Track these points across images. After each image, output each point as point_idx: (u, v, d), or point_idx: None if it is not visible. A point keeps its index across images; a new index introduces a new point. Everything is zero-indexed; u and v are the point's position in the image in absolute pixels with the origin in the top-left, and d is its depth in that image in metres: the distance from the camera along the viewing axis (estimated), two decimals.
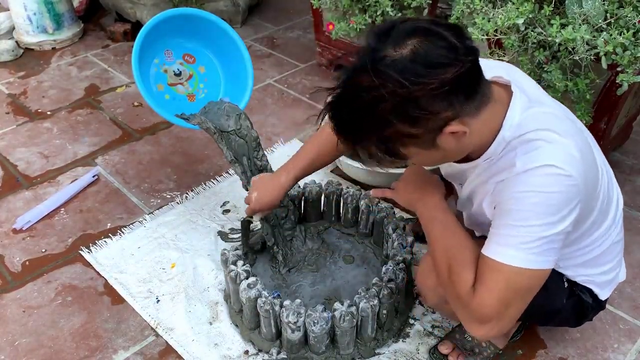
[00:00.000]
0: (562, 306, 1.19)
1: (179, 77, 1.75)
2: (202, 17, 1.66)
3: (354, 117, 0.91)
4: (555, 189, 0.92)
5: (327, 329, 1.29)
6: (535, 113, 0.98)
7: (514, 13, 1.47)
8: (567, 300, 1.18)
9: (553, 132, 0.95)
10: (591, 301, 1.21)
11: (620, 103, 1.66)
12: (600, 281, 1.21)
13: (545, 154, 0.93)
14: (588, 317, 1.27)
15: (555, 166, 0.91)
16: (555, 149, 0.93)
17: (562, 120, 1.01)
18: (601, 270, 1.20)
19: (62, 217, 1.83)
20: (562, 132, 0.96)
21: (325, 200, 1.66)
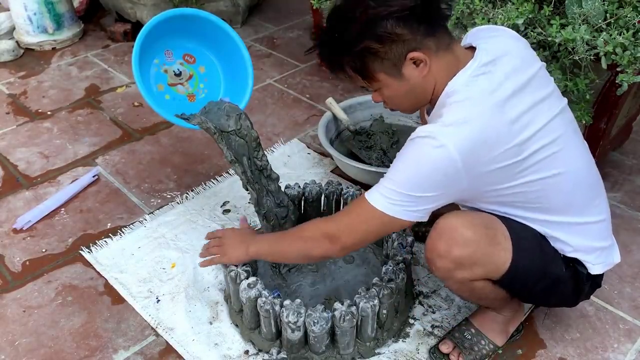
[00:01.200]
0: (562, 275, 1.20)
1: (179, 77, 1.75)
2: (202, 18, 1.66)
3: (332, 39, 1.11)
4: (433, 167, 1.03)
5: (327, 328, 1.29)
6: (473, 82, 1.06)
7: (514, 13, 1.47)
8: (565, 269, 1.20)
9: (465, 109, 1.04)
10: (586, 272, 1.22)
11: (620, 103, 1.66)
12: (592, 260, 1.21)
13: (458, 113, 1.04)
14: (584, 291, 1.26)
15: (445, 147, 1.01)
16: (470, 113, 1.03)
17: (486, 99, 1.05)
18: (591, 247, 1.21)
19: (62, 217, 1.84)
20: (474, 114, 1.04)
21: (325, 200, 1.66)
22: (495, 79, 1.07)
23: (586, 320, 1.48)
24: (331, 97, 2.10)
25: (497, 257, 1.14)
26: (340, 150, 1.90)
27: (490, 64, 1.08)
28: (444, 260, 1.15)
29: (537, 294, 1.25)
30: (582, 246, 1.20)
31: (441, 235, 1.14)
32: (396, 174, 1.08)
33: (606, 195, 1.26)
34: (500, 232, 1.15)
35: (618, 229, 1.76)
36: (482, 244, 1.12)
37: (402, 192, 1.07)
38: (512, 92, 1.06)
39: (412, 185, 1.06)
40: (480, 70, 1.07)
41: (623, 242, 1.72)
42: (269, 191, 1.52)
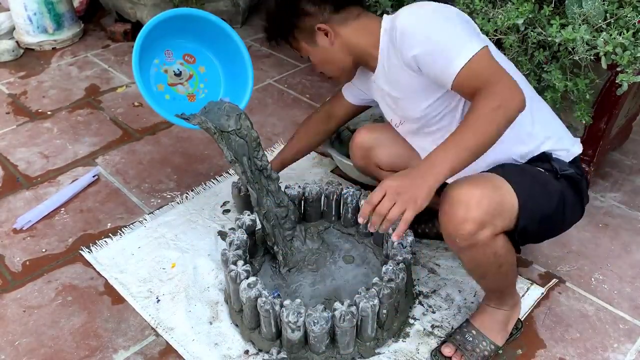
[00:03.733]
0: (560, 187, 1.25)
1: (179, 77, 1.75)
2: (202, 18, 1.66)
3: (269, 20, 1.46)
4: (424, 6, 1.23)
5: (327, 328, 1.29)
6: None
7: (514, 13, 1.47)
8: (557, 181, 1.26)
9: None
10: (574, 170, 1.29)
11: (620, 103, 1.66)
12: (560, 135, 1.32)
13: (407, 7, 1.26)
14: (584, 192, 1.32)
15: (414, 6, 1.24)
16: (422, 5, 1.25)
17: None
18: (549, 126, 1.32)
19: (62, 217, 1.84)
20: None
21: (325, 200, 1.66)
22: None
23: (586, 320, 1.49)
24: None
25: (507, 202, 1.16)
26: (340, 150, 1.90)
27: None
28: (466, 224, 1.12)
29: (554, 220, 1.27)
30: (549, 128, 1.31)
31: (453, 203, 1.13)
32: (442, 32, 1.18)
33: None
34: (496, 178, 1.18)
35: (618, 229, 1.76)
36: (492, 195, 1.14)
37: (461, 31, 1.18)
38: None
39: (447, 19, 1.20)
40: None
41: (623, 242, 1.72)
42: (269, 191, 1.52)
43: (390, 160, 1.59)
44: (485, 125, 1.09)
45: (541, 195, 1.22)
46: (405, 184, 1.07)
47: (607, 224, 1.78)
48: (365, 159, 1.64)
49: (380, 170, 1.64)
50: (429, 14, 1.22)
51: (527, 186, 1.20)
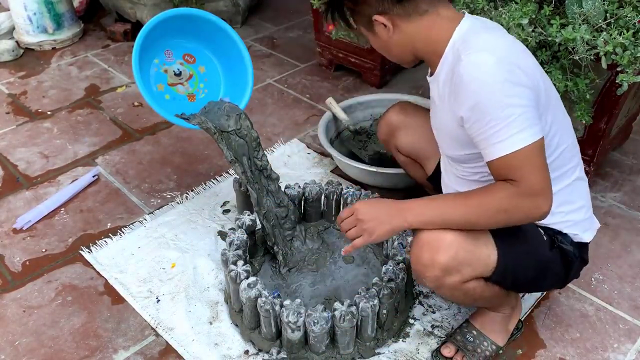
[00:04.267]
0: (549, 256, 1.21)
1: (179, 77, 1.75)
2: (202, 17, 1.66)
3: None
4: (504, 66, 1.05)
5: (327, 328, 1.29)
6: (477, 32, 1.14)
7: (518, 13, 1.47)
8: (550, 250, 1.22)
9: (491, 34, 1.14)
10: (573, 249, 1.24)
11: (620, 103, 1.66)
12: (576, 220, 1.24)
13: (480, 41, 1.10)
14: (574, 270, 1.28)
15: (488, 50, 1.07)
16: (489, 38, 1.11)
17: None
18: (572, 208, 1.24)
19: (62, 217, 1.84)
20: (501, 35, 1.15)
21: (325, 200, 1.66)
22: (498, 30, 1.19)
23: (586, 320, 1.49)
24: (331, 97, 2.10)
25: (481, 253, 1.15)
26: (340, 150, 1.90)
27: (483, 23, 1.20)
28: (431, 269, 1.14)
29: (530, 281, 1.26)
30: (573, 217, 1.23)
31: (422, 245, 1.14)
32: (497, 107, 1.05)
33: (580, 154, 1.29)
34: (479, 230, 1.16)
35: (618, 229, 1.76)
36: (464, 244, 1.12)
37: (519, 112, 1.04)
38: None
39: (512, 97, 1.04)
40: (478, 24, 1.17)
41: (623, 242, 1.72)
42: (269, 191, 1.52)
43: (408, 147, 1.59)
44: (481, 215, 1.09)
45: (524, 258, 1.19)
46: (372, 215, 1.16)
47: (607, 224, 1.78)
48: (388, 136, 1.63)
49: (398, 152, 1.63)
50: (499, 75, 1.05)
51: (512, 245, 1.17)
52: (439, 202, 1.15)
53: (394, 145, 1.63)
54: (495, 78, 1.04)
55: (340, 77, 2.61)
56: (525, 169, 1.05)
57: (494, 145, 1.06)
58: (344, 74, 2.62)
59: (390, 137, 1.63)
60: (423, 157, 1.57)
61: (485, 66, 1.05)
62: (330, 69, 2.65)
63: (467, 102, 1.08)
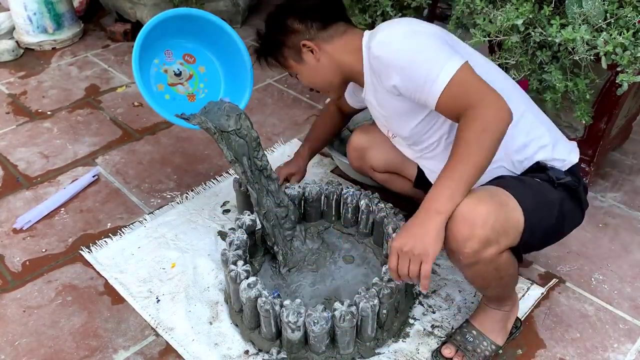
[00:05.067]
0: (558, 196, 1.24)
1: (179, 77, 1.75)
2: (202, 17, 1.66)
3: (259, 37, 1.48)
4: (402, 29, 1.23)
5: (327, 328, 1.29)
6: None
7: (513, 14, 1.47)
8: (555, 189, 1.24)
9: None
10: (571, 178, 1.27)
11: (620, 103, 1.66)
12: (551, 141, 1.29)
13: (380, 29, 1.27)
14: (582, 198, 1.31)
15: (385, 29, 1.25)
16: (387, 25, 1.27)
17: None
18: (540, 132, 1.29)
19: (62, 217, 1.84)
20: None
21: (325, 200, 1.66)
22: None
23: (586, 320, 1.49)
24: None
25: (512, 218, 1.14)
26: (340, 150, 1.90)
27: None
28: (471, 242, 1.10)
29: (555, 230, 1.28)
30: (541, 134, 1.28)
31: (459, 221, 1.10)
32: (417, 56, 1.17)
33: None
34: (502, 193, 1.16)
35: (618, 229, 1.76)
36: (497, 212, 1.11)
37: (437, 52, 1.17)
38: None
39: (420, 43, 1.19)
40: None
41: (623, 242, 1.72)
42: (269, 191, 1.52)
43: (383, 163, 1.62)
44: (475, 152, 1.09)
45: (543, 209, 1.21)
46: (409, 240, 1.09)
47: (607, 224, 1.78)
48: (360, 160, 1.66)
49: (374, 172, 1.66)
50: (403, 37, 1.21)
51: (530, 200, 1.18)
52: (444, 179, 1.11)
53: (369, 166, 1.66)
54: (399, 39, 1.21)
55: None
56: (469, 90, 1.13)
57: (431, 87, 1.15)
58: None
59: (362, 160, 1.66)
60: (401, 165, 1.59)
61: (388, 37, 1.22)
62: None
63: (392, 72, 1.20)
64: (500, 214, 1.12)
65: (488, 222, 1.10)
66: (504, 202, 1.15)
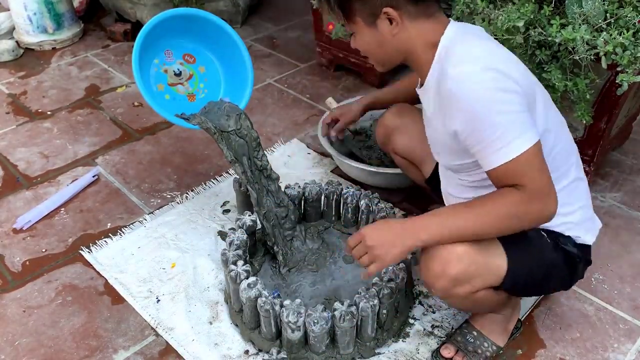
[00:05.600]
0: (554, 259, 1.21)
1: (179, 77, 1.75)
2: (202, 17, 1.66)
3: None
4: (490, 74, 1.05)
5: (327, 328, 1.29)
6: (463, 39, 1.14)
7: (515, 15, 1.47)
8: (555, 252, 1.21)
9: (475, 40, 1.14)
10: (576, 251, 1.24)
11: (620, 103, 1.66)
12: (577, 221, 1.24)
13: (464, 51, 1.09)
14: (579, 271, 1.28)
15: (471, 61, 1.07)
16: (472, 47, 1.10)
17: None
18: (571, 209, 1.22)
19: (62, 217, 1.84)
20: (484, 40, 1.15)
21: (325, 200, 1.66)
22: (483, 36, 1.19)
23: (586, 320, 1.48)
24: (331, 97, 2.10)
25: (492, 264, 1.15)
26: (340, 150, 1.90)
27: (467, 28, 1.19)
28: (442, 280, 1.13)
29: (537, 286, 1.27)
30: (574, 218, 1.23)
31: (433, 256, 1.13)
32: (490, 116, 1.04)
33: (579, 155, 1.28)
34: (489, 239, 1.14)
35: (618, 229, 1.76)
36: (476, 256, 1.11)
37: (515, 121, 1.04)
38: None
39: (503, 104, 1.04)
40: (462, 30, 1.16)
41: (623, 242, 1.72)
42: (269, 191, 1.52)
43: (405, 149, 1.59)
44: (494, 224, 1.07)
45: (532, 264, 1.19)
46: (381, 239, 1.12)
47: (607, 224, 1.78)
48: (385, 139, 1.65)
49: (395, 154, 1.64)
50: (486, 88, 1.04)
51: (520, 252, 1.16)
52: (450, 215, 1.11)
53: (392, 147, 1.64)
54: (484, 87, 1.04)
55: (340, 77, 2.61)
56: (528, 174, 1.05)
57: (493, 154, 1.06)
58: (344, 74, 2.62)
59: (387, 139, 1.63)
60: (419, 159, 1.57)
61: (471, 78, 1.05)
62: (330, 69, 2.65)
63: (459, 116, 1.07)
64: (477, 258, 1.12)
65: (461, 263, 1.10)
66: (485, 247, 1.13)
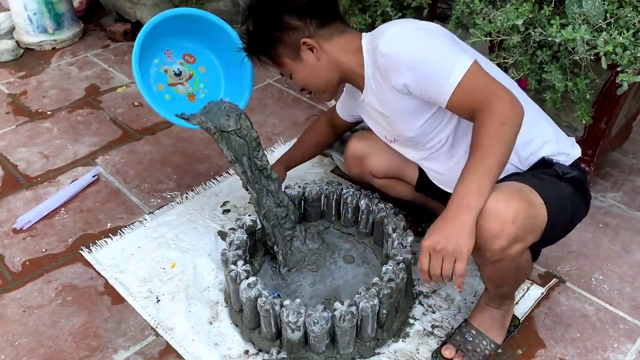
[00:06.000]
0: (568, 189, 1.23)
1: (179, 77, 1.75)
2: (202, 17, 1.66)
3: (248, 33, 1.39)
4: (412, 26, 1.23)
5: (327, 328, 1.29)
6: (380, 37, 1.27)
7: (513, 14, 1.47)
8: (565, 184, 1.24)
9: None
10: (577, 172, 1.27)
11: (620, 103, 1.66)
12: (550, 137, 1.29)
13: (385, 27, 1.27)
14: (587, 189, 1.31)
15: (393, 26, 1.25)
16: (391, 23, 1.27)
17: None
18: (540, 129, 1.30)
19: (62, 217, 1.84)
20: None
21: (325, 200, 1.66)
22: None
23: (586, 320, 1.49)
24: None
25: (539, 216, 1.14)
26: (340, 150, 1.89)
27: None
28: (500, 239, 1.08)
29: (568, 225, 1.28)
30: (540, 131, 1.29)
31: (489, 217, 1.08)
32: (428, 54, 1.18)
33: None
34: (528, 190, 1.14)
35: (618, 229, 1.76)
36: (527, 210, 1.10)
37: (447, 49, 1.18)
38: None
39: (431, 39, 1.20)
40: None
41: (623, 242, 1.72)
42: (269, 191, 1.52)
43: (384, 168, 1.59)
44: (497, 144, 1.09)
45: (561, 204, 1.20)
46: (442, 238, 1.05)
47: (607, 224, 1.78)
48: (359, 168, 1.63)
49: (374, 178, 1.63)
50: (411, 35, 1.21)
51: (552, 197, 1.17)
52: (470, 174, 1.09)
53: (368, 172, 1.61)
54: (410, 36, 1.21)
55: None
56: (482, 87, 1.14)
57: (443, 85, 1.15)
58: None
59: (361, 167, 1.62)
60: (401, 170, 1.57)
61: (398, 35, 1.22)
62: None
63: (402, 70, 1.20)
64: (529, 212, 1.10)
65: (518, 219, 1.08)
66: (531, 200, 1.13)
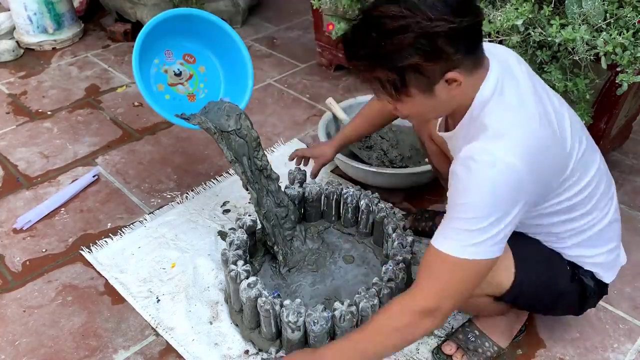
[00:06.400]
0: (566, 288, 1.20)
1: (179, 77, 1.75)
2: (202, 17, 1.66)
3: (374, 42, 0.95)
4: (498, 184, 0.96)
5: (327, 328, 1.29)
6: (499, 99, 1.02)
7: (513, 14, 1.47)
8: (570, 283, 1.20)
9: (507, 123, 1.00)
10: (593, 285, 1.22)
11: (620, 103, 1.66)
12: (603, 262, 1.22)
13: (499, 124, 0.99)
14: (590, 302, 1.27)
15: (501, 160, 0.95)
16: (503, 141, 0.97)
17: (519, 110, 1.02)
18: (602, 251, 1.21)
19: (62, 216, 1.84)
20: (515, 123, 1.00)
21: (325, 200, 1.66)
22: (519, 87, 1.05)
23: (586, 320, 1.48)
24: (331, 97, 2.10)
25: (497, 277, 1.14)
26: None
27: (507, 72, 1.05)
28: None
29: (541, 307, 1.27)
30: (601, 259, 1.21)
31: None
32: (462, 208, 0.98)
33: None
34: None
35: None
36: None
37: (477, 226, 0.97)
38: (538, 98, 1.05)
39: (483, 213, 0.96)
40: (502, 79, 1.03)
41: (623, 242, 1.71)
42: (269, 191, 1.52)
43: (441, 140, 1.45)
44: (386, 344, 1.08)
45: (541, 287, 1.17)
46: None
47: None
48: (423, 124, 1.48)
49: (430, 141, 1.49)
50: (484, 187, 0.96)
51: (534, 272, 1.15)
52: (346, 343, 1.13)
53: (428, 133, 1.47)
54: (486, 180, 0.96)
55: (340, 77, 2.61)
56: (440, 280, 1.01)
57: (437, 235, 1.02)
58: (344, 74, 2.62)
59: (425, 125, 1.47)
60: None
61: (492, 170, 0.95)
62: (330, 69, 2.65)
63: (453, 187, 1.01)
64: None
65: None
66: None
